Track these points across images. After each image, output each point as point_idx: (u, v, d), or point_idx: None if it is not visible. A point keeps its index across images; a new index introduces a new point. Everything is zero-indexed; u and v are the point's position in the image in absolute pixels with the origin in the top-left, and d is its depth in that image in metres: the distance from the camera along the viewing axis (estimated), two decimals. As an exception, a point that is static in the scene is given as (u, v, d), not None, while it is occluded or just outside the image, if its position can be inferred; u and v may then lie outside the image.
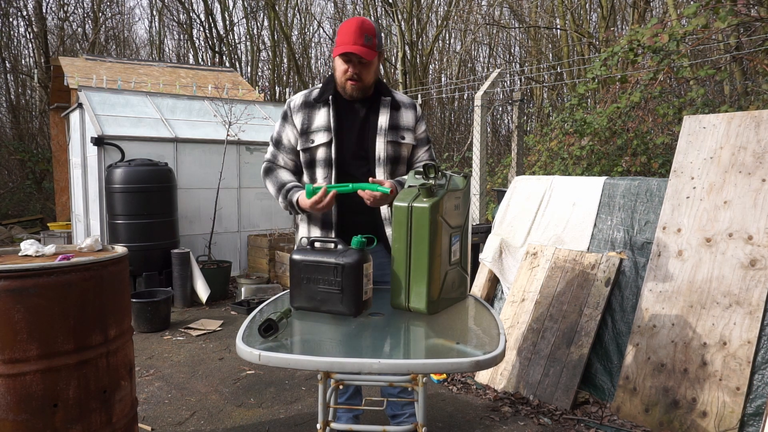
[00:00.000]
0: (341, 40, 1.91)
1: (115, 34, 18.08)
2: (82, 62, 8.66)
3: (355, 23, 1.91)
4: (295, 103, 2.10)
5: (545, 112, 8.34)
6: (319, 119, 2.04)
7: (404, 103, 2.14)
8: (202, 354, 3.79)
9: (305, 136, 2.06)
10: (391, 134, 2.07)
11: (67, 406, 1.75)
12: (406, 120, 2.12)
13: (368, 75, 1.99)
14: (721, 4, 4.35)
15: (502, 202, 3.70)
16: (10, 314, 1.66)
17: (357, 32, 1.89)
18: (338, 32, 1.94)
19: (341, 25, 1.94)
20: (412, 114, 2.14)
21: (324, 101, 2.05)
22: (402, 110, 2.12)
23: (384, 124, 2.06)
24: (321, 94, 2.07)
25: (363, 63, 1.95)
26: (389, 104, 2.09)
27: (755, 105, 5.24)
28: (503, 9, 14.06)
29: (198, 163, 5.82)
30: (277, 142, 2.15)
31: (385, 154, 2.06)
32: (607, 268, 2.99)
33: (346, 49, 1.89)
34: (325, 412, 1.75)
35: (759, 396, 2.33)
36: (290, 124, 2.09)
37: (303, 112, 2.07)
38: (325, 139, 2.02)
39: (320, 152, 2.04)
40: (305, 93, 2.12)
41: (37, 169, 12.21)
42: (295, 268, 1.69)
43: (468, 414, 2.85)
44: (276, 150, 2.16)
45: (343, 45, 1.90)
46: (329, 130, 2.02)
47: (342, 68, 1.97)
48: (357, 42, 1.89)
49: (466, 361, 1.30)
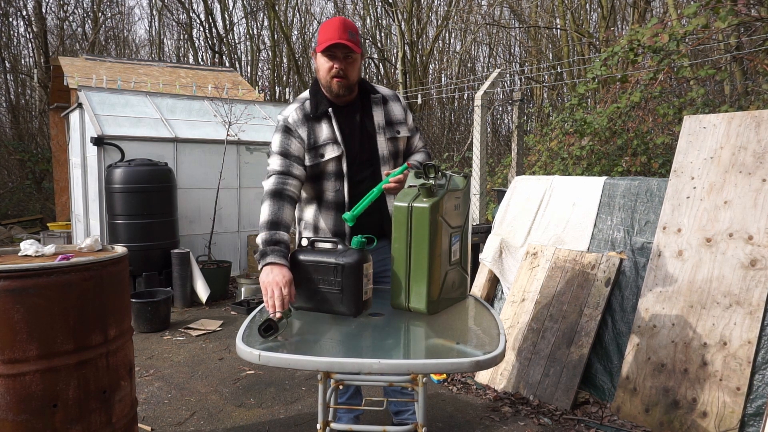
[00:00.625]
0: (324, 38, 1.88)
1: (115, 34, 18.08)
2: (82, 62, 8.66)
3: (337, 20, 1.89)
4: (294, 118, 2.01)
5: (545, 112, 8.34)
6: (323, 133, 2.00)
7: (389, 96, 2.13)
8: (202, 354, 3.78)
9: (314, 152, 1.99)
10: (388, 131, 2.07)
11: (66, 406, 1.75)
12: (397, 113, 2.12)
13: (353, 72, 1.96)
14: (721, 4, 4.34)
15: (502, 202, 3.70)
16: (10, 314, 1.65)
17: (341, 28, 1.87)
18: (319, 32, 1.92)
19: (322, 25, 1.92)
20: (399, 106, 2.14)
21: (323, 113, 2.00)
22: (390, 104, 2.12)
23: (381, 122, 2.06)
24: (316, 106, 2.00)
25: (348, 59, 1.92)
26: (381, 101, 2.08)
27: (755, 105, 5.24)
28: (503, 9, 14.07)
29: (198, 163, 5.82)
30: (286, 153, 1.97)
31: (387, 151, 2.06)
32: (607, 268, 2.99)
33: (332, 41, 1.86)
34: (325, 412, 1.75)
35: (759, 396, 2.33)
36: (296, 138, 1.99)
37: (305, 126, 2.00)
38: (336, 152, 1.99)
39: (330, 166, 2.01)
40: (297, 107, 2.03)
41: (36, 169, 12.21)
42: (295, 267, 1.69)
43: (468, 414, 2.84)
44: (287, 160, 1.96)
45: (327, 41, 1.87)
46: (337, 142, 1.99)
47: (326, 66, 1.92)
48: (342, 37, 1.86)
49: (466, 361, 1.30)
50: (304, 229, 2.14)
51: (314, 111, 2.00)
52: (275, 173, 1.94)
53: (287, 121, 2.00)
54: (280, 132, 2.00)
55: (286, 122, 2.00)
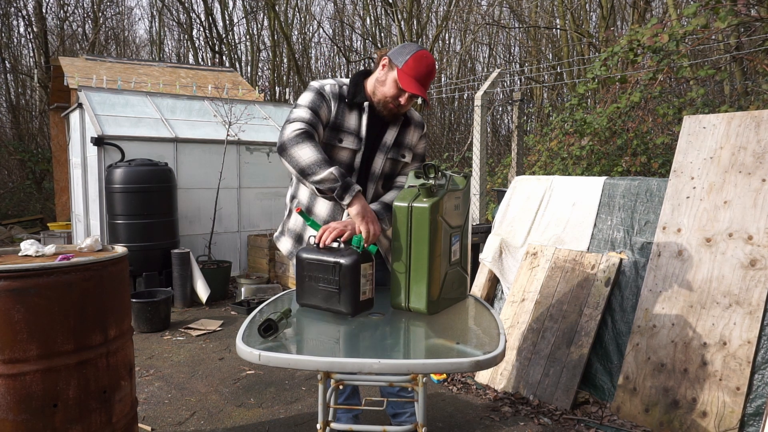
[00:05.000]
0: (414, 73, 1.84)
1: (115, 34, 18.08)
2: (82, 62, 8.66)
3: (431, 65, 1.86)
4: (331, 89, 1.94)
5: (545, 112, 8.34)
6: (351, 121, 1.97)
7: (415, 122, 2.10)
8: (202, 354, 3.79)
9: (334, 132, 1.94)
10: (393, 151, 2.04)
11: (67, 406, 1.75)
12: (411, 138, 2.09)
13: (408, 108, 1.98)
14: (721, 4, 4.34)
15: (502, 202, 3.70)
16: (10, 314, 1.66)
17: (428, 76, 1.87)
18: (413, 59, 1.85)
19: (418, 54, 1.85)
20: (418, 133, 2.11)
21: (358, 104, 1.97)
22: (411, 128, 2.09)
23: (389, 141, 2.03)
24: (353, 95, 1.96)
25: (414, 99, 1.92)
26: (401, 122, 2.05)
27: (755, 105, 5.24)
28: (503, 9, 14.06)
29: (198, 163, 5.82)
30: (316, 111, 1.88)
31: (381, 170, 2.03)
32: (607, 268, 2.99)
33: (416, 90, 1.84)
34: (325, 412, 1.75)
35: (759, 396, 2.33)
36: (327, 106, 1.92)
37: (337, 104, 1.94)
38: (354, 145, 1.96)
39: (343, 155, 1.97)
40: (334, 84, 1.97)
41: (37, 169, 12.20)
42: (299, 265, 1.70)
43: (468, 414, 2.85)
44: (315, 117, 1.86)
45: (414, 81, 1.85)
46: (359, 137, 1.96)
47: (394, 93, 1.89)
48: (426, 86, 1.87)
49: (466, 361, 1.30)
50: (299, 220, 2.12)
51: (351, 97, 1.96)
52: (303, 121, 1.82)
53: (324, 88, 1.94)
54: (314, 93, 1.92)
55: (323, 89, 1.94)
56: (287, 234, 2.12)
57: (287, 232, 2.12)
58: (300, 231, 2.07)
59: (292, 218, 2.11)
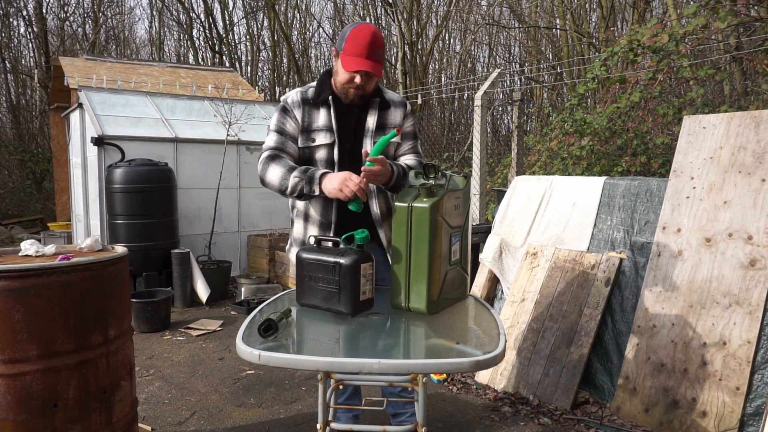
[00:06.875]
0: (353, 51, 1.88)
1: (115, 34, 18.08)
2: (82, 62, 8.66)
3: (369, 36, 1.87)
4: (293, 99, 2.06)
5: (545, 112, 8.34)
6: (319, 119, 2.04)
7: (394, 102, 2.13)
8: (202, 354, 3.79)
9: (306, 134, 2.04)
10: (377, 135, 2.07)
11: (67, 406, 1.75)
12: (394, 119, 2.12)
13: (371, 85, 2.00)
14: (721, 4, 4.34)
15: (502, 202, 3.70)
16: (10, 314, 1.66)
17: (370, 47, 1.87)
18: (349, 39, 1.89)
19: (353, 32, 1.89)
20: (401, 112, 2.14)
21: (323, 101, 2.04)
22: (391, 109, 2.12)
23: (372, 125, 2.06)
24: (318, 93, 2.05)
25: (370, 75, 1.94)
26: (377, 105, 2.08)
27: (755, 105, 5.24)
28: (503, 9, 14.06)
29: (198, 163, 5.83)
30: (281, 131, 2.04)
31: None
32: (607, 268, 2.99)
33: (359, 66, 1.87)
34: (325, 412, 1.75)
35: (759, 396, 2.33)
36: (291, 118, 2.04)
37: (302, 109, 2.04)
38: (327, 140, 2.02)
39: (321, 152, 2.03)
40: (300, 90, 2.09)
41: (37, 169, 12.20)
42: (299, 265, 1.71)
43: (468, 414, 2.85)
44: (282, 137, 2.02)
45: (355, 58, 1.88)
46: (331, 131, 2.02)
47: (347, 77, 1.94)
48: (370, 57, 1.88)
49: (466, 361, 1.30)
50: (296, 217, 2.17)
51: (315, 97, 2.04)
52: (270, 148, 2.01)
53: (286, 101, 2.07)
54: (279, 111, 2.06)
55: (285, 102, 2.06)
56: (294, 244, 2.19)
57: (294, 242, 2.20)
58: (302, 238, 2.13)
59: (295, 228, 2.18)
